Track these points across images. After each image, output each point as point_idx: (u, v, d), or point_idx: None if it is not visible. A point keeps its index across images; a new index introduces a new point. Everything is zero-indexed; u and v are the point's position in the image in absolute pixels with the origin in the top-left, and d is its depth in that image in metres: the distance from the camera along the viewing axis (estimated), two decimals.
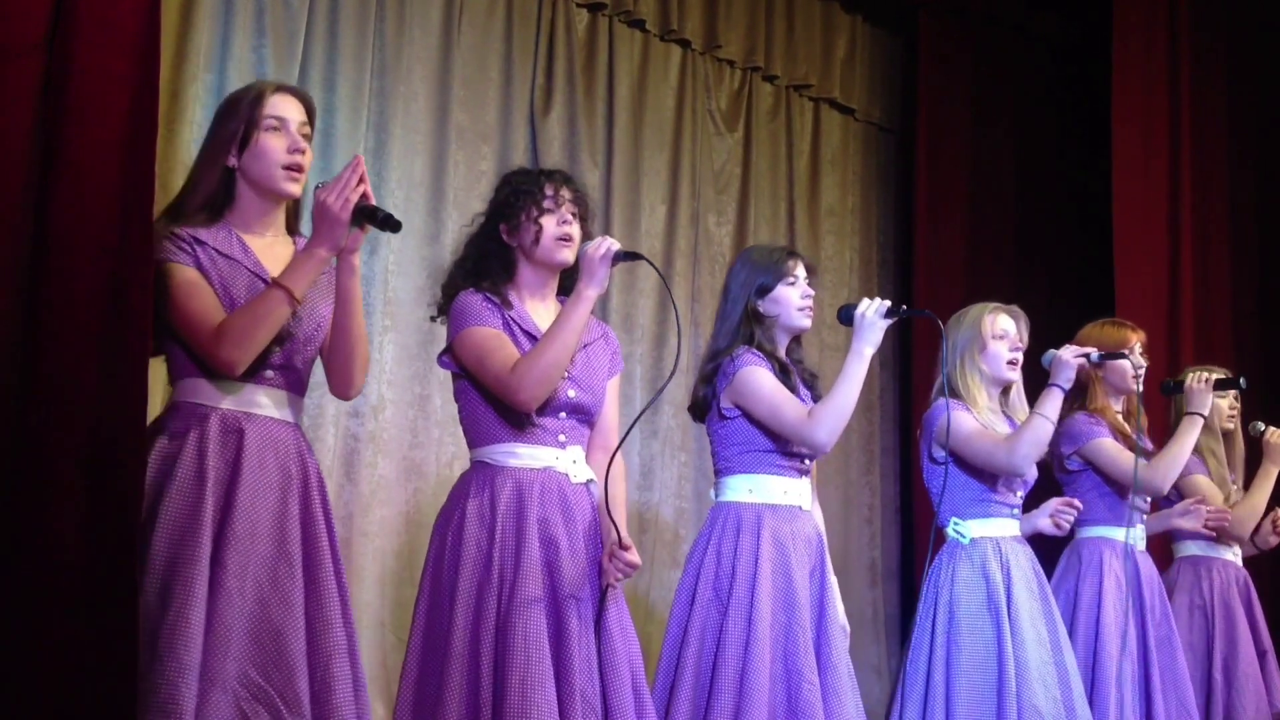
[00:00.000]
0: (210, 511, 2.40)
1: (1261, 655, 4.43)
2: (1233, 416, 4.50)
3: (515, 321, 2.88)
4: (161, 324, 2.50)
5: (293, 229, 2.68)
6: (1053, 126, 6.51)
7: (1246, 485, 4.53)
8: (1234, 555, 4.54)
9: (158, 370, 3.62)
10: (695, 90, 5.74)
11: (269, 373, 2.53)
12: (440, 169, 4.89)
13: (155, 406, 4.05)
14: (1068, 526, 3.75)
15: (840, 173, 6.27)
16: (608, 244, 2.80)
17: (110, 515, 2.24)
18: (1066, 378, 3.66)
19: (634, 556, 2.77)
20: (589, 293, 2.78)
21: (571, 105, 5.29)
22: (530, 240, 2.88)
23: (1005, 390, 3.75)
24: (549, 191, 2.90)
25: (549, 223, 2.88)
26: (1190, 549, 4.49)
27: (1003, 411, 3.74)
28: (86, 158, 2.32)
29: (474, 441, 2.91)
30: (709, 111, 5.81)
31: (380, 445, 4.64)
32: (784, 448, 3.25)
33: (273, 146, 2.55)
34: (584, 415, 2.90)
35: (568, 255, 2.89)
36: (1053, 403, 3.60)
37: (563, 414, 2.86)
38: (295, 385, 2.59)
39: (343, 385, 2.65)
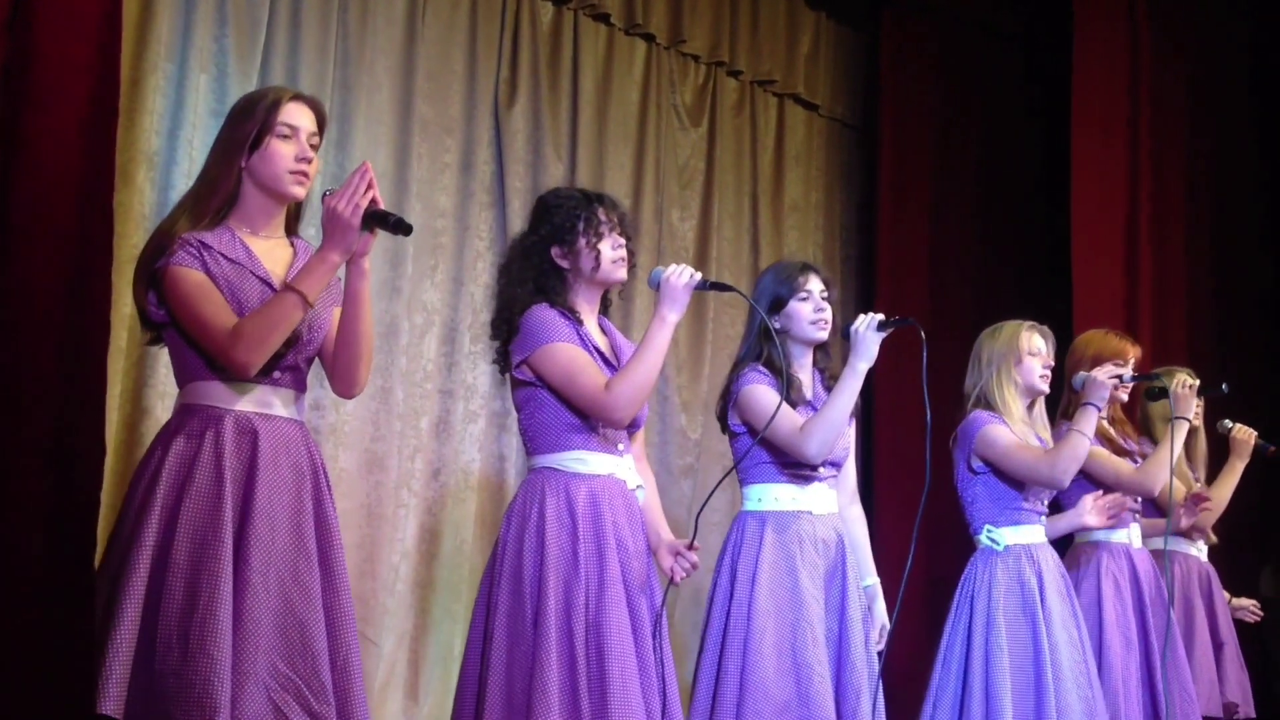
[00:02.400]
0: (230, 511, 2.47)
1: (1219, 647, 4.51)
2: (1197, 414, 4.55)
3: (586, 338, 3.01)
4: (172, 327, 2.57)
5: (292, 230, 2.74)
6: (1016, 123, 6.54)
7: (1209, 481, 4.62)
8: (1198, 550, 4.62)
9: (115, 361, 3.61)
10: (660, 85, 5.74)
11: (278, 374, 2.60)
12: (404, 161, 4.87)
13: (114, 398, 4.04)
14: (1117, 516, 4.00)
15: (804, 168, 6.29)
16: (691, 272, 2.97)
17: (70, 504, 2.23)
18: (1101, 396, 3.86)
19: (696, 557, 2.99)
20: (672, 317, 2.96)
21: (536, 98, 5.28)
22: (591, 265, 3.02)
23: (1030, 405, 3.91)
24: (604, 217, 3.04)
25: (606, 247, 3.02)
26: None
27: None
28: (46, 144, 2.31)
29: (538, 448, 3.02)
30: (673, 106, 5.82)
31: (341, 438, 4.62)
32: (784, 458, 3.40)
33: (282, 152, 2.61)
34: (634, 426, 3.07)
35: (624, 274, 3.07)
36: (1089, 420, 3.80)
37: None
38: (300, 384, 2.68)
39: (347, 384, 2.71)
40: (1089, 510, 4.00)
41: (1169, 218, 5.89)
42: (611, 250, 3.01)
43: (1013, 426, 3.78)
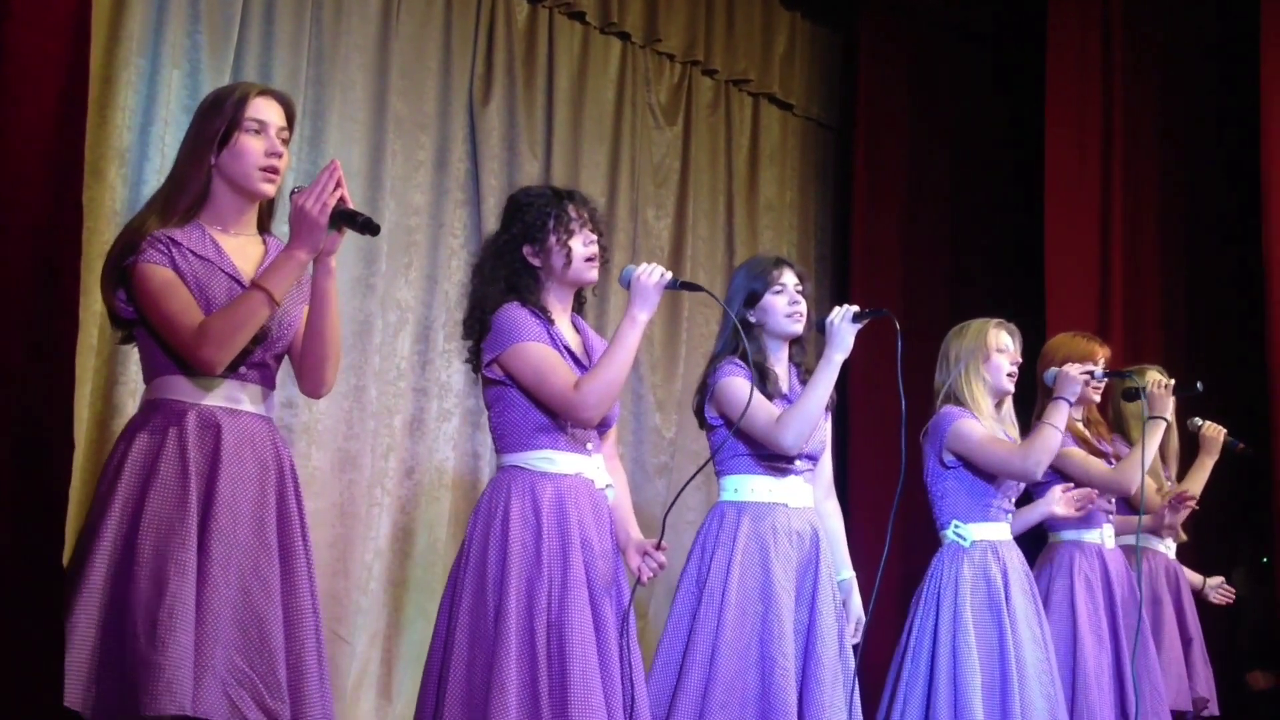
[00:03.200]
0: (195, 503, 2.46)
1: (1187, 643, 4.54)
2: (1170, 412, 4.57)
3: (557, 337, 2.99)
4: (139, 323, 2.56)
5: (265, 228, 2.73)
6: (989, 124, 6.57)
7: (1180, 479, 4.66)
8: (1166, 547, 4.65)
9: (86, 358, 3.59)
10: (635, 83, 5.75)
11: (245, 370, 2.59)
12: (378, 158, 4.86)
13: (85, 395, 4.01)
14: (1086, 507, 4.00)
15: (779, 168, 6.30)
16: (661, 271, 2.97)
17: (39, 500, 2.22)
18: (1073, 391, 3.89)
19: (664, 557, 2.98)
20: (642, 317, 2.95)
21: (511, 96, 5.27)
22: (561, 263, 3.01)
23: (998, 403, 3.91)
24: (574, 214, 3.03)
25: (576, 244, 3.01)
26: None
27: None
28: (17, 137, 2.30)
29: (507, 447, 3.02)
30: (649, 105, 5.82)
31: (314, 436, 4.61)
32: (764, 449, 3.41)
33: (251, 148, 2.59)
34: (604, 425, 3.06)
35: (595, 274, 3.06)
36: (1060, 414, 3.84)
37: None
38: (268, 381, 2.66)
39: (315, 384, 2.70)
40: (1057, 500, 4.02)
41: (1141, 216, 5.92)
42: (583, 248, 3.01)
43: (983, 422, 3.80)
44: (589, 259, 3.02)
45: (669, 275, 2.97)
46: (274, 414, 2.69)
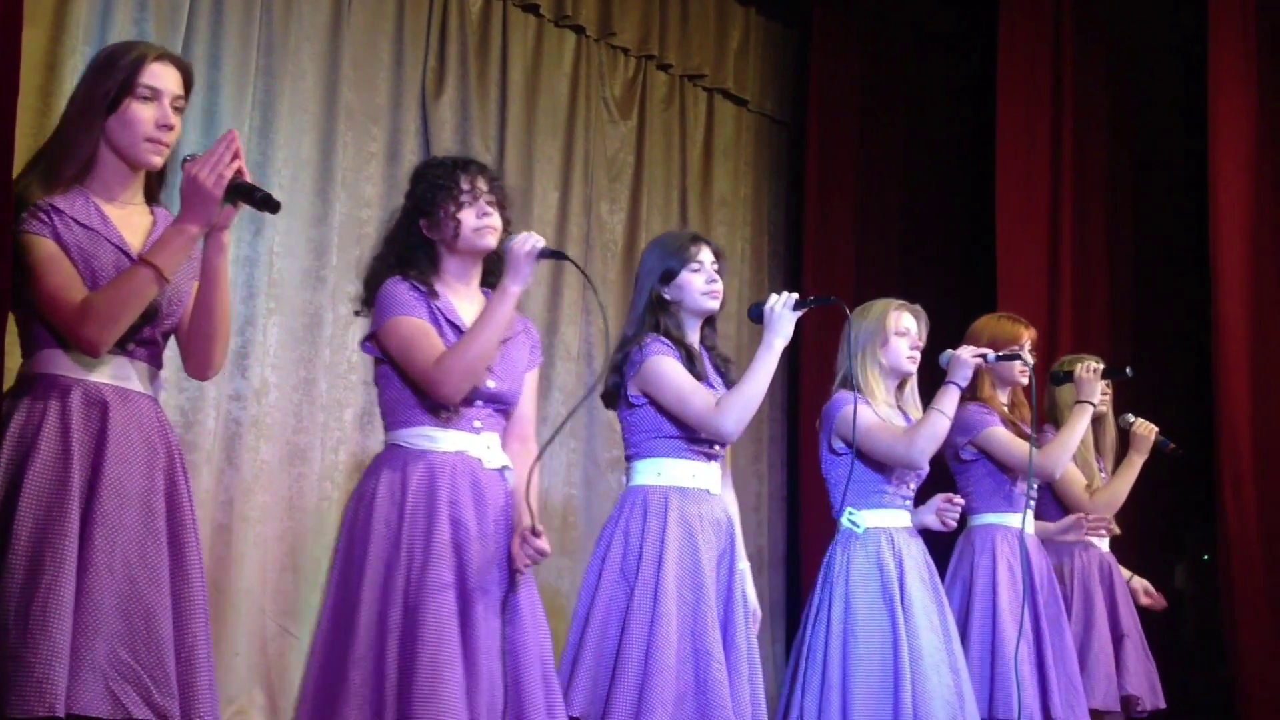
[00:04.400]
0: (77, 486, 2.33)
1: (1119, 639, 4.50)
2: (1104, 401, 4.57)
3: (441, 311, 2.88)
4: (19, 297, 2.42)
5: (153, 198, 2.59)
6: (942, 120, 6.61)
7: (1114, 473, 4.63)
8: (1098, 541, 4.60)
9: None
10: (589, 77, 5.73)
11: (134, 347, 2.46)
12: (329, 149, 4.82)
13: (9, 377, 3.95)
14: (953, 523, 3.83)
15: (733, 163, 6.31)
16: (533, 240, 2.82)
17: None
18: (964, 375, 3.74)
19: (544, 544, 2.77)
20: (513, 289, 2.81)
21: (464, 89, 5.24)
22: (450, 234, 2.90)
23: (901, 385, 3.82)
24: (465, 185, 2.91)
25: (467, 216, 2.89)
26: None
27: (897, 405, 3.80)
28: None
29: (390, 425, 2.90)
30: (603, 99, 5.81)
31: (263, 430, 4.56)
32: (691, 434, 3.29)
33: (142, 117, 2.46)
34: (501, 405, 2.92)
35: (490, 241, 2.91)
36: (950, 399, 3.67)
37: (480, 402, 2.88)
38: (155, 359, 2.53)
39: (201, 366, 2.57)
40: (931, 509, 3.92)
41: (1091, 212, 5.97)
42: (475, 220, 2.89)
43: (876, 408, 3.69)
44: (478, 229, 2.89)
45: (541, 243, 2.83)
46: (160, 396, 2.57)
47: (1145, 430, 4.59)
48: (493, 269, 2.95)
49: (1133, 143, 6.17)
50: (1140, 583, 4.78)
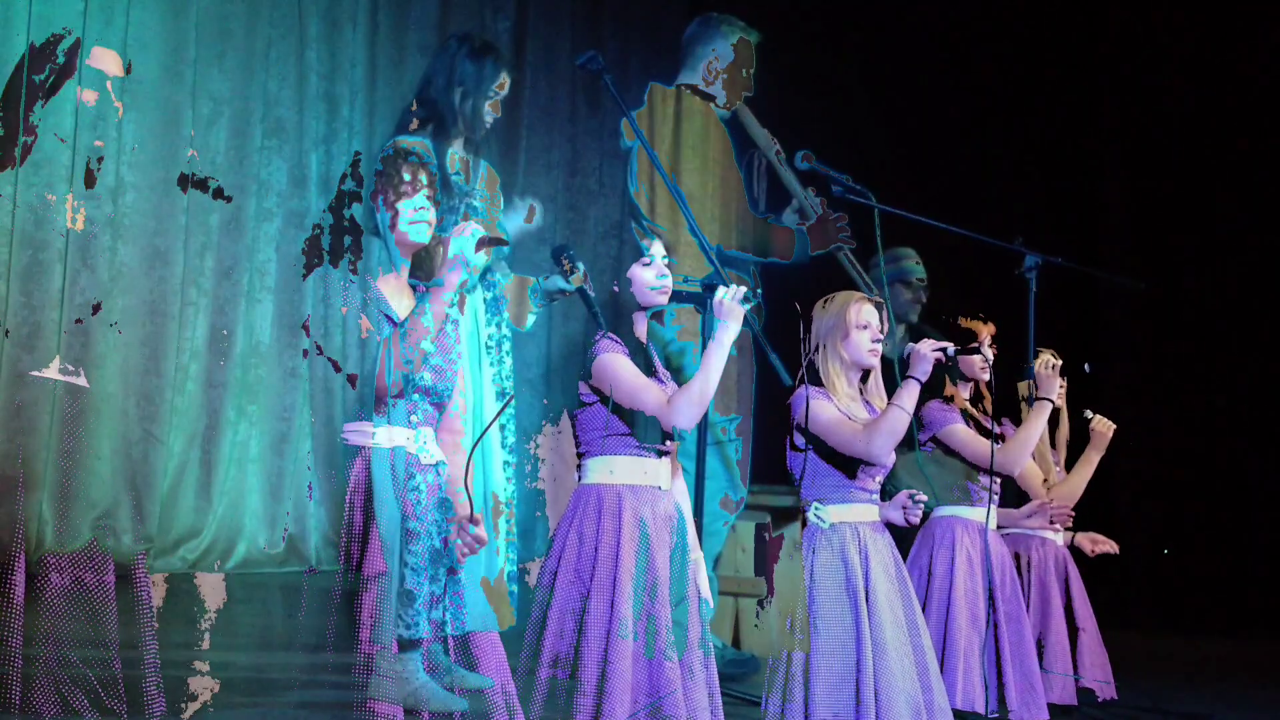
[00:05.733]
0: None
1: (1076, 633, 4.57)
2: (1060, 396, 4.60)
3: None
4: None
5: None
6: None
7: (1069, 468, 4.72)
8: (1054, 535, 4.68)
9: None
10: None
11: None
12: None
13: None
14: (916, 519, 3.82)
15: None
16: (474, 227, 3.04)
17: None
18: (924, 371, 3.68)
19: (482, 531, 2.92)
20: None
21: None
22: (388, 223, 3.06)
23: (864, 377, 3.80)
24: (406, 173, 3.05)
25: (404, 206, 3.04)
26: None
27: (861, 398, 3.78)
28: None
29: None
30: None
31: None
32: (640, 431, 3.31)
33: None
34: (435, 396, 3.02)
35: (423, 236, 3.07)
36: (910, 394, 3.63)
37: (416, 396, 2.98)
38: None
39: None
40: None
41: None
42: (410, 211, 3.04)
43: (837, 401, 3.69)
44: (414, 222, 3.04)
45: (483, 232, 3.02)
46: None
47: (1104, 427, 4.65)
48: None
49: None
50: (1085, 536, 4.82)
